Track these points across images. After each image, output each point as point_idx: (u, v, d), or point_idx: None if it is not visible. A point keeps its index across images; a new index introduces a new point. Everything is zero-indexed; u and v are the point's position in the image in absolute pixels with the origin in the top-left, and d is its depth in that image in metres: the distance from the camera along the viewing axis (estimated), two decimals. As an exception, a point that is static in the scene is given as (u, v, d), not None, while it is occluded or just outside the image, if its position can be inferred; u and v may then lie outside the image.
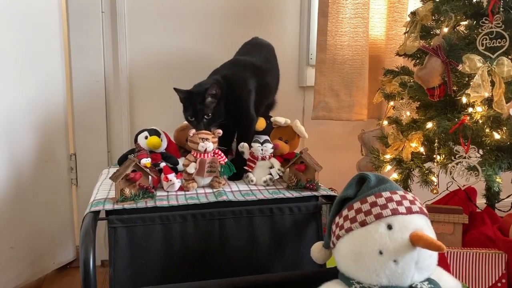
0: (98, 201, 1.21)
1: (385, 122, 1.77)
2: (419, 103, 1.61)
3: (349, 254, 0.91)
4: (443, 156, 1.46)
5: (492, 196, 1.64)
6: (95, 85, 1.85)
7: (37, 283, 1.80)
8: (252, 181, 1.40)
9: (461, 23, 1.53)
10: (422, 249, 0.86)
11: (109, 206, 1.18)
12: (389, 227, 0.88)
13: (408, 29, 1.61)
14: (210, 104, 1.36)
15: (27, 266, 1.74)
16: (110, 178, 1.22)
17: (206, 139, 1.31)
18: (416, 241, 0.85)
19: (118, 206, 1.18)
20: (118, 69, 1.86)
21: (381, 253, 0.87)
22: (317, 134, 2.05)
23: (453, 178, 1.41)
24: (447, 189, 1.63)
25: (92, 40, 1.82)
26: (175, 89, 1.37)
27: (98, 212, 1.17)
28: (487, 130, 1.38)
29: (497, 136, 1.37)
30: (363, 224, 0.90)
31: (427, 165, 1.55)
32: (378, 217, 0.89)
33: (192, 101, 1.35)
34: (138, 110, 1.93)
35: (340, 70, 1.92)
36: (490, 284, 1.34)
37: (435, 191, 1.50)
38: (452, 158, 1.41)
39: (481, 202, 1.68)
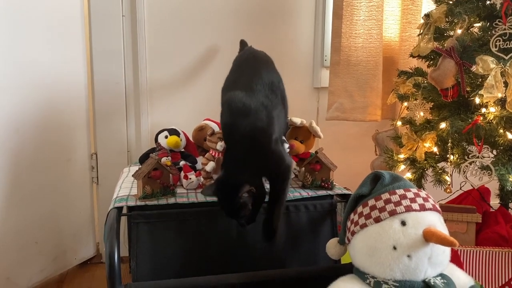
0: (121, 198, 1.26)
1: (399, 123, 1.79)
2: (432, 103, 1.63)
3: (364, 250, 0.95)
4: (457, 156, 1.48)
5: (505, 195, 1.65)
6: (115, 86, 1.90)
7: (60, 278, 1.86)
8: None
9: (474, 25, 1.55)
10: (435, 244, 0.89)
11: (131, 203, 1.23)
12: (403, 223, 0.91)
13: (422, 31, 1.63)
14: None
15: (50, 261, 1.80)
16: (132, 176, 1.26)
17: (224, 138, 1.35)
18: (429, 237, 0.88)
19: (140, 203, 1.23)
20: (138, 71, 1.91)
21: (395, 248, 0.90)
22: (332, 134, 2.07)
23: (466, 178, 1.43)
24: (460, 189, 1.65)
25: (113, 43, 1.88)
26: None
27: (121, 208, 1.21)
28: (500, 130, 1.40)
29: (510, 136, 1.39)
30: (378, 220, 0.93)
31: (440, 164, 1.57)
32: (392, 213, 0.92)
33: None
34: (156, 110, 1.98)
35: (354, 71, 1.94)
36: (503, 282, 1.36)
37: (448, 190, 1.52)
38: (466, 158, 1.43)
39: (494, 201, 1.69)
